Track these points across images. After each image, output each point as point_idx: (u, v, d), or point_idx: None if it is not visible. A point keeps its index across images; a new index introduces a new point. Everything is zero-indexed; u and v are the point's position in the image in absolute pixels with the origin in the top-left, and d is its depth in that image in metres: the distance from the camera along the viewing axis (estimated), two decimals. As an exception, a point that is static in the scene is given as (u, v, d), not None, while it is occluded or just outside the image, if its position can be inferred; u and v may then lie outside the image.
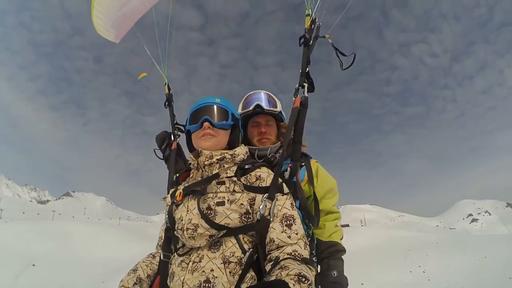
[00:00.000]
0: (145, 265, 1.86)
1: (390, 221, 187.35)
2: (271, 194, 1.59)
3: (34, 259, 17.12)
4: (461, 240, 29.23)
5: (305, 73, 2.04)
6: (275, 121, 2.40)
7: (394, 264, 21.39)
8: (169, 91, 2.82)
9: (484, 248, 22.46)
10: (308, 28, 2.11)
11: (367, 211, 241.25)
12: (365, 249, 26.77)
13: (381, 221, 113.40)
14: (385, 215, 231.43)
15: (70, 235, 27.95)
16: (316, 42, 2.11)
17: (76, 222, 39.47)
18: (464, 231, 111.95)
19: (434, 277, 17.64)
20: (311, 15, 2.14)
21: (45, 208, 68.03)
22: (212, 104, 1.84)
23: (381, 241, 30.80)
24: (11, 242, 21.11)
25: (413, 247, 25.93)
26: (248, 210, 1.59)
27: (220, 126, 1.79)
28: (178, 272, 1.55)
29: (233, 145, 1.86)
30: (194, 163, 1.76)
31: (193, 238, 1.55)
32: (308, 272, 1.26)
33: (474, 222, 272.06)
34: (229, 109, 1.86)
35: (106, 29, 3.12)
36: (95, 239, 27.47)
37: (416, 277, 18.34)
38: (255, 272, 1.49)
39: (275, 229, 1.51)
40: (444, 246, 25.22)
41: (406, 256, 23.22)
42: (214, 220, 1.53)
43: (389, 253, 24.55)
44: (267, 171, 1.73)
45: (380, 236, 34.47)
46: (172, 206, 1.75)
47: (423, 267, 20.00)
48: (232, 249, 1.52)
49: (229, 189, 1.62)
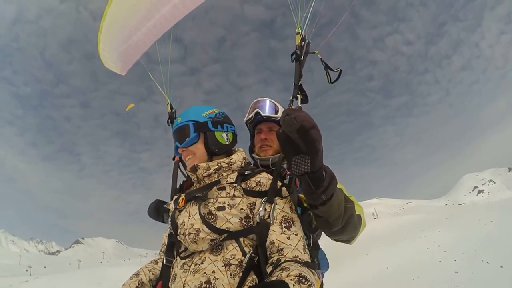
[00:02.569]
0: (147, 270, 1.91)
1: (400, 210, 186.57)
2: (270, 198, 1.61)
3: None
4: (467, 212, 31.35)
5: (299, 86, 2.12)
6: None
7: (410, 246, 23.25)
8: (171, 110, 3.00)
9: (489, 214, 24.63)
10: (299, 45, 2.20)
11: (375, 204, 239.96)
12: (380, 237, 28.39)
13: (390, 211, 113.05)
14: (393, 205, 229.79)
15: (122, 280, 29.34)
16: (307, 58, 2.21)
17: (116, 266, 39.43)
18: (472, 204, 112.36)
19: (449, 249, 19.80)
20: (301, 33, 2.24)
21: (59, 259, 64.02)
22: (175, 129, 1.87)
23: (394, 228, 32.30)
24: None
25: (425, 227, 27.75)
26: (248, 215, 1.60)
27: (187, 146, 1.82)
28: (180, 274, 1.58)
29: (214, 146, 1.83)
30: (194, 177, 1.81)
31: (195, 242, 1.57)
32: (309, 274, 1.29)
33: (481, 193, 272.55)
34: (189, 121, 1.82)
35: (113, 61, 3.18)
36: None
37: (433, 252, 20.50)
38: (256, 275, 1.50)
39: (275, 231, 1.53)
40: (453, 221, 27.25)
41: (421, 236, 25.03)
42: (215, 225, 1.55)
43: (405, 236, 26.26)
44: (267, 176, 1.74)
45: (392, 224, 35.93)
46: (175, 212, 1.79)
47: (437, 242, 22.10)
48: (233, 252, 1.53)
49: (229, 194, 1.65)
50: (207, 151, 1.82)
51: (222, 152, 1.86)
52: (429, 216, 37.53)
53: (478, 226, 22.17)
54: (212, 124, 1.83)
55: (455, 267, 16.36)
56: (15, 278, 31.19)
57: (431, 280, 15.63)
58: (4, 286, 27.20)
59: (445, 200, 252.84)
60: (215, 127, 1.84)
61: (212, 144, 1.81)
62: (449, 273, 15.79)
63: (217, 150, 1.83)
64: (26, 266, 43.72)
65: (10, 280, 29.14)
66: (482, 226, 21.71)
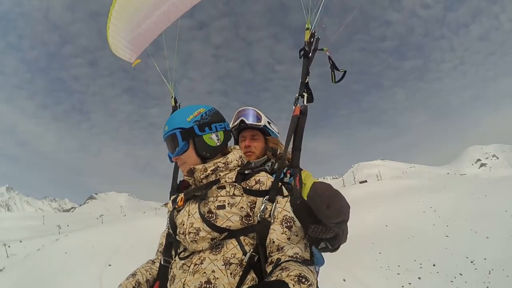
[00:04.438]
0: (144, 270, 1.88)
1: (402, 173, 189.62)
2: (271, 196, 1.61)
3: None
4: (466, 183, 32.89)
5: (305, 84, 2.10)
6: (263, 136, 2.46)
7: (409, 208, 25.31)
8: (175, 104, 2.92)
9: (485, 188, 26.17)
10: (308, 41, 2.19)
11: (379, 166, 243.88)
12: (382, 198, 30.39)
13: (393, 174, 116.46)
14: (396, 167, 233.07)
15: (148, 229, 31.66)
16: (315, 54, 2.20)
17: (136, 219, 39.22)
18: (473, 176, 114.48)
19: (443, 215, 21.93)
20: (311, 28, 2.22)
21: (78, 215, 61.62)
22: (164, 139, 1.83)
23: (396, 190, 33.83)
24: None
25: (424, 192, 29.54)
26: (249, 213, 1.60)
27: (178, 155, 1.78)
28: (179, 275, 1.57)
29: (205, 151, 1.77)
30: (191, 180, 1.78)
31: (195, 241, 1.56)
32: (309, 274, 1.28)
33: (483, 167, 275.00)
34: (175, 129, 1.75)
35: (122, 49, 3.15)
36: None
37: (429, 216, 22.65)
38: (256, 274, 1.50)
39: (275, 230, 1.52)
40: (451, 190, 28.85)
41: (419, 200, 27.00)
42: (216, 223, 1.55)
43: (405, 199, 28.18)
44: (266, 175, 1.74)
45: (394, 186, 37.46)
46: (173, 211, 1.77)
47: (433, 208, 24.12)
48: (233, 250, 1.53)
49: (229, 193, 1.63)
50: (198, 157, 1.77)
51: (214, 155, 1.80)
52: (428, 182, 39.19)
53: (472, 198, 23.96)
54: (199, 128, 1.76)
55: (446, 232, 18.59)
56: (45, 238, 31.51)
57: (424, 241, 17.95)
58: (37, 246, 27.38)
59: (447, 168, 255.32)
60: (202, 131, 1.76)
61: (202, 149, 1.76)
62: (440, 237, 18.06)
63: (208, 155, 1.78)
64: (50, 226, 41.83)
65: (41, 241, 29.50)
66: (476, 199, 23.49)
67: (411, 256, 16.50)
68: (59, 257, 23.18)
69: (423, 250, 16.81)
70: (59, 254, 23.84)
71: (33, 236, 34.90)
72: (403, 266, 15.76)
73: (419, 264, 15.61)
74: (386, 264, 16.32)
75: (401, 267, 15.70)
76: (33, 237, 33.45)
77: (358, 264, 16.52)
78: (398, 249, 17.84)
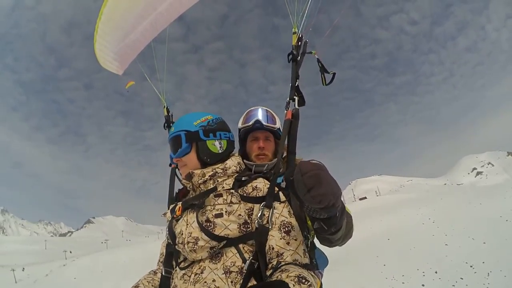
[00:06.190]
0: (146, 282, 1.86)
1: (400, 187, 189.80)
2: (268, 202, 1.58)
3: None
4: (461, 193, 33.93)
5: (295, 87, 2.08)
6: (274, 138, 2.35)
7: (409, 221, 26.20)
8: (168, 113, 2.93)
9: (480, 197, 27.35)
10: (296, 45, 2.18)
11: (376, 181, 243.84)
12: (381, 213, 31.03)
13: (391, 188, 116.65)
14: (393, 182, 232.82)
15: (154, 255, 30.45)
16: (304, 58, 2.18)
17: (139, 243, 39.01)
18: (470, 185, 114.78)
19: (441, 224, 22.92)
20: (298, 32, 2.22)
21: (79, 239, 57.78)
22: (169, 139, 1.85)
23: (395, 204, 34.87)
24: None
25: (422, 205, 30.49)
26: (247, 220, 1.58)
27: (180, 156, 1.78)
28: (180, 285, 1.56)
29: (206, 156, 1.77)
30: (189, 185, 1.76)
31: (194, 251, 1.54)
32: (308, 275, 1.29)
33: (479, 175, 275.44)
34: (181, 131, 1.78)
35: (109, 61, 3.13)
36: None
37: (427, 227, 23.63)
38: (257, 281, 1.48)
39: (274, 236, 1.51)
40: (447, 201, 30.00)
41: (418, 213, 27.91)
42: (214, 232, 1.53)
43: (404, 213, 29.05)
44: (263, 182, 1.72)
45: (393, 200, 38.78)
46: (172, 221, 1.76)
47: (432, 219, 25.06)
48: (233, 259, 1.51)
49: (226, 200, 1.61)
50: (199, 161, 1.77)
51: (214, 161, 1.80)
52: (426, 195, 40.32)
53: (468, 207, 25.07)
54: (204, 133, 1.77)
55: (445, 241, 19.54)
56: (51, 263, 30.92)
57: (425, 250, 18.86)
58: (44, 271, 26.82)
59: (444, 179, 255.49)
60: (206, 136, 1.77)
61: (203, 154, 1.76)
62: (440, 246, 19.02)
63: (209, 160, 1.78)
64: (53, 250, 40.52)
65: (48, 266, 28.95)
66: (472, 208, 24.60)
67: (414, 266, 17.33)
68: (69, 282, 23.16)
69: (424, 259, 17.68)
70: (69, 280, 23.73)
71: (38, 261, 35.00)
72: (407, 275, 16.55)
73: (422, 272, 16.43)
74: (391, 275, 17.08)
75: (405, 277, 16.49)
76: (38, 262, 33.53)
77: (365, 276, 17.29)
78: (401, 260, 18.66)
